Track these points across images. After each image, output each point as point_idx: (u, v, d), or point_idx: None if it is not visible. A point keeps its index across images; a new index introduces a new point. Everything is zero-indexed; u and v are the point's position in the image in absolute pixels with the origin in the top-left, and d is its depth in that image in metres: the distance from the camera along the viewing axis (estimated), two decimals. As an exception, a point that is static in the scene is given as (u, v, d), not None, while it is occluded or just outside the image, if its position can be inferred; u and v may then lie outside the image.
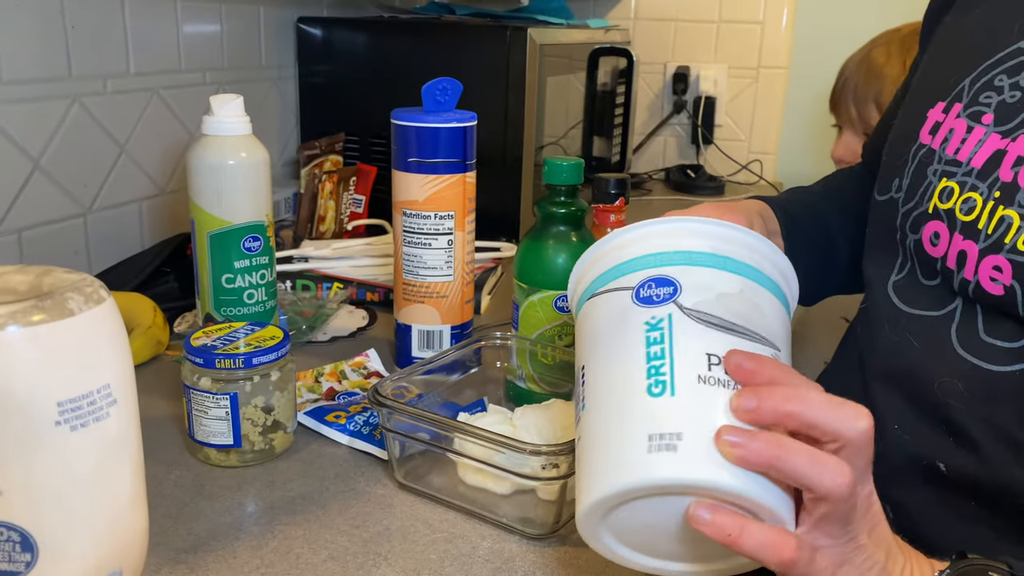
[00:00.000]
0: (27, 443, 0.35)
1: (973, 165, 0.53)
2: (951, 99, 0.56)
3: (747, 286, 0.46)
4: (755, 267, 0.47)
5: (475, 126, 0.77)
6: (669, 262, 0.46)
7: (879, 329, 0.61)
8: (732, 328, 0.43)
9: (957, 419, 0.54)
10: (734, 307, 0.44)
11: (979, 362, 0.52)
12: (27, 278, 0.38)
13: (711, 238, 0.47)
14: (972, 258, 0.51)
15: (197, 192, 0.71)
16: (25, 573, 0.36)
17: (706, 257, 0.46)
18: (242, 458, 0.64)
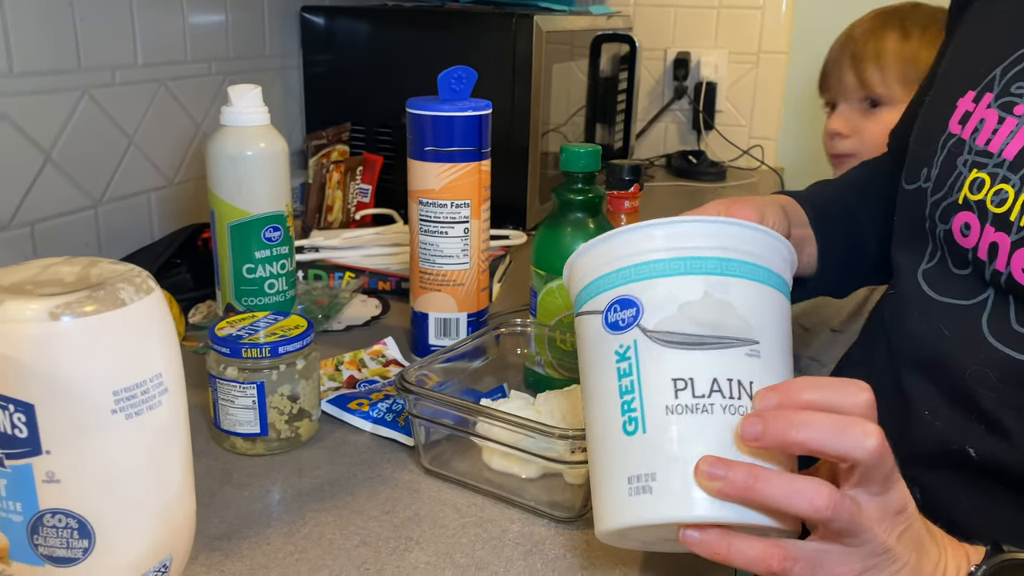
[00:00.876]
0: (84, 432, 0.35)
1: (1005, 156, 0.53)
2: (982, 88, 0.56)
3: (712, 284, 0.43)
4: (722, 257, 0.44)
5: (490, 114, 0.78)
6: (630, 278, 0.44)
7: (908, 316, 0.61)
8: (698, 342, 0.42)
9: (988, 407, 0.54)
10: (699, 315, 0.42)
11: (1011, 352, 0.52)
12: (74, 269, 0.39)
13: (669, 240, 0.45)
14: (1004, 250, 0.51)
15: (217, 183, 0.72)
16: (83, 559, 0.37)
17: (664, 265, 0.44)
18: (268, 446, 0.65)
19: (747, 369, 0.42)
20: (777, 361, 0.43)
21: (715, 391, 0.41)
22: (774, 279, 0.45)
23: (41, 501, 0.36)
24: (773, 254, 0.46)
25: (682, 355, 0.42)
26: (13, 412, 0.35)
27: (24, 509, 0.36)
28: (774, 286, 0.45)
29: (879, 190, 0.73)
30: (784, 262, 0.47)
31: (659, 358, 0.42)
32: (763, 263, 0.45)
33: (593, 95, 1.42)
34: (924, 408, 0.59)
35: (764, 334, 0.43)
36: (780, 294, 0.45)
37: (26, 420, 0.35)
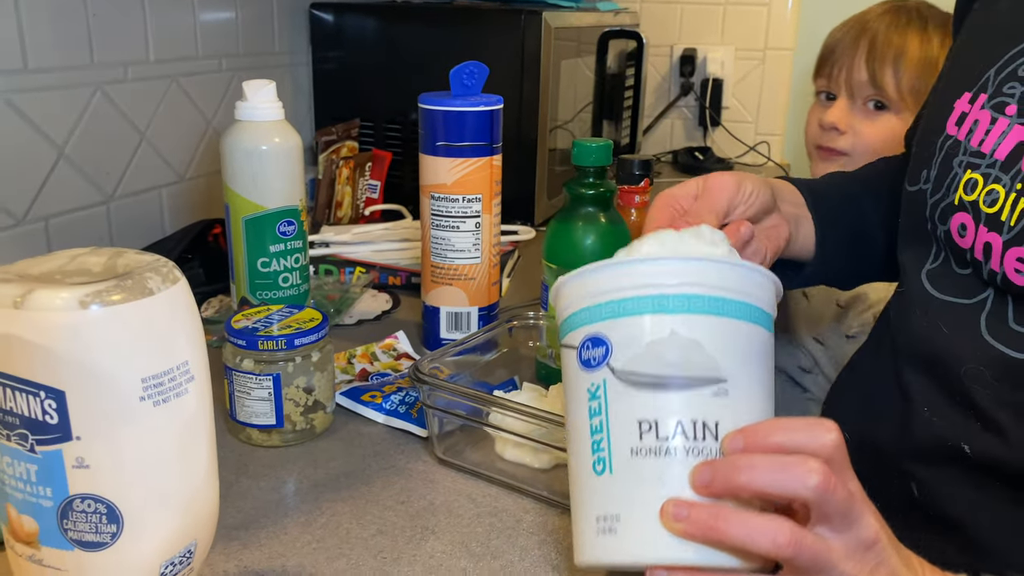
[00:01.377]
0: (113, 418, 0.36)
1: (997, 157, 0.53)
2: (976, 89, 0.56)
3: (679, 322, 0.42)
4: (688, 294, 0.43)
5: (501, 109, 0.78)
6: (601, 316, 0.44)
7: (911, 314, 0.61)
8: (664, 383, 0.42)
9: (983, 405, 0.54)
10: (665, 355, 0.42)
11: (1007, 350, 0.53)
12: (101, 259, 0.39)
13: (636, 278, 0.43)
14: (997, 250, 0.52)
15: (232, 177, 0.72)
16: (111, 544, 0.37)
17: (632, 304, 0.43)
18: (284, 438, 0.66)
19: (713, 409, 0.42)
20: (749, 398, 0.43)
21: (679, 433, 0.41)
22: (748, 312, 0.44)
23: (71, 486, 0.37)
24: (748, 285, 0.44)
25: (648, 396, 0.42)
26: (44, 399, 0.35)
27: (54, 494, 0.37)
28: (748, 319, 0.44)
29: (891, 185, 0.72)
30: (763, 291, 0.45)
31: (626, 399, 0.42)
32: (736, 296, 0.43)
33: (600, 91, 1.43)
34: (923, 405, 0.59)
35: (734, 371, 0.42)
36: (755, 327, 0.44)
37: (57, 407, 0.36)
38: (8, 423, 0.37)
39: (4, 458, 0.37)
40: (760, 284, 0.45)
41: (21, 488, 0.37)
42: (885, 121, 1.06)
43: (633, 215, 0.82)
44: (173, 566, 0.40)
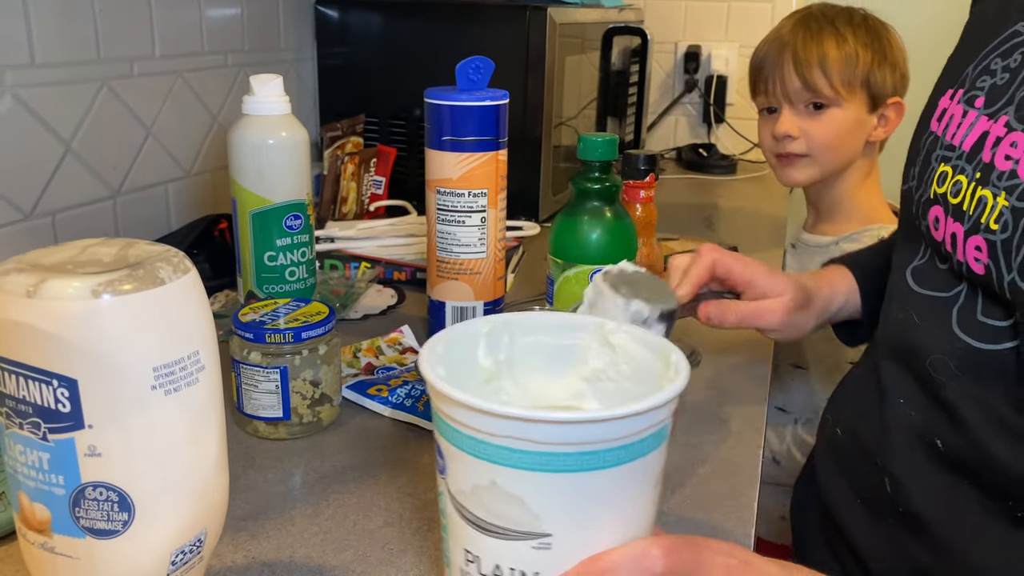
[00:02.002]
0: (125, 407, 0.36)
1: (963, 148, 0.54)
2: (956, 86, 0.57)
3: (499, 475, 0.39)
4: (511, 448, 0.39)
5: (507, 104, 0.78)
6: (443, 432, 0.41)
7: (888, 307, 0.63)
8: (485, 527, 0.40)
9: (948, 396, 0.55)
10: (486, 503, 0.40)
11: (971, 341, 0.54)
12: (112, 250, 0.40)
13: (468, 417, 0.39)
14: (960, 240, 0.53)
15: (239, 171, 0.73)
16: (122, 532, 0.38)
17: (464, 440, 0.40)
18: (290, 431, 0.66)
19: (533, 561, 0.40)
20: (577, 549, 0.40)
21: (496, 575, 0.41)
22: (584, 462, 0.39)
23: (83, 474, 0.37)
24: (586, 436, 0.39)
25: (471, 532, 0.41)
26: (57, 387, 0.36)
27: (66, 482, 0.37)
28: (584, 469, 0.39)
29: None
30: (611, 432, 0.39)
31: (456, 523, 0.42)
32: (568, 449, 0.39)
33: (605, 88, 1.43)
34: (899, 396, 0.60)
35: (560, 526, 0.40)
36: (598, 473, 0.39)
37: (69, 395, 0.36)
38: (21, 411, 0.37)
39: (17, 446, 0.38)
40: (606, 430, 0.39)
41: (33, 476, 0.38)
42: (829, 116, 1.12)
43: (638, 210, 0.82)
44: (184, 555, 0.40)
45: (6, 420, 0.38)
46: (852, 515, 0.65)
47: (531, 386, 0.50)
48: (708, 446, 0.67)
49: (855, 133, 1.13)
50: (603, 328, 0.48)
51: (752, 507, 0.60)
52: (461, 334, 0.48)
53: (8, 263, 0.37)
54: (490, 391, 0.50)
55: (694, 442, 0.68)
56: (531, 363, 0.50)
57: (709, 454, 0.66)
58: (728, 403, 0.75)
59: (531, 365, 0.50)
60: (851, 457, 0.66)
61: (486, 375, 0.49)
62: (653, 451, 0.40)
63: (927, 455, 0.57)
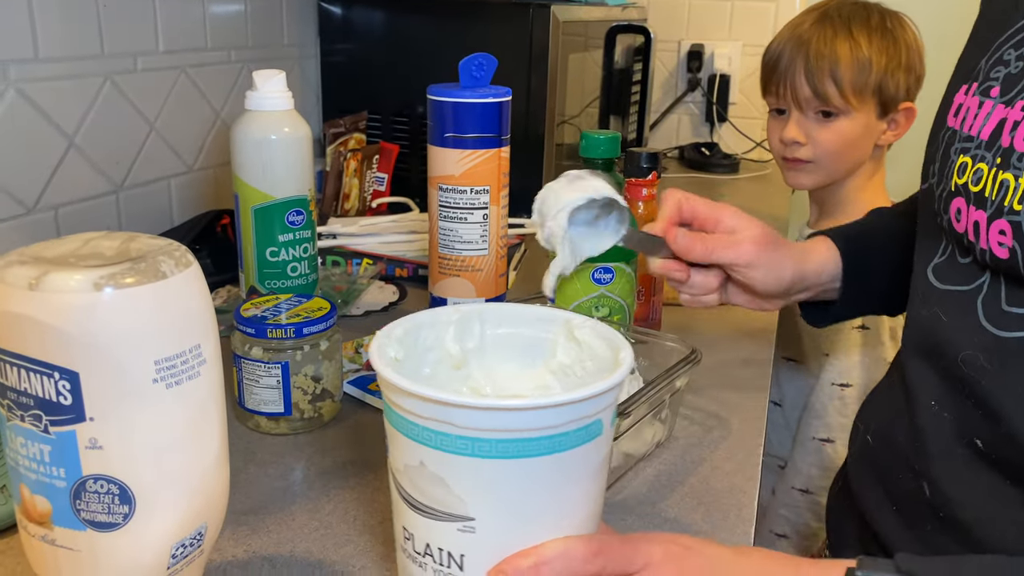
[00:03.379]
0: (126, 400, 0.36)
1: (982, 137, 0.54)
2: (971, 80, 0.57)
3: (427, 456, 0.40)
4: (437, 431, 0.40)
5: (510, 101, 0.78)
6: (385, 411, 0.43)
7: (912, 307, 0.62)
8: (416, 506, 0.42)
9: (980, 392, 0.54)
10: (417, 482, 0.41)
11: (998, 331, 0.53)
12: (114, 243, 0.40)
13: (400, 398, 0.40)
14: (983, 226, 0.52)
15: (241, 167, 0.73)
16: (123, 524, 0.38)
17: (398, 419, 0.41)
18: (291, 426, 0.66)
19: (458, 543, 0.41)
20: (500, 534, 0.41)
21: (428, 555, 0.42)
22: (508, 449, 0.39)
23: (84, 467, 0.37)
24: (513, 423, 0.39)
25: (407, 510, 0.42)
26: (58, 380, 0.36)
27: (67, 475, 0.37)
28: (509, 456, 0.40)
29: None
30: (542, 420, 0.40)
31: (396, 500, 0.43)
32: (492, 435, 0.39)
33: (607, 86, 1.43)
34: (930, 399, 0.59)
35: (484, 511, 0.41)
36: (524, 462, 0.40)
37: (71, 388, 0.36)
38: (22, 404, 0.37)
39: (18, 439, 0.38)
40: (525, 419, 0.39)
41: (35, 469, 0.38)
42: (837, 126, 1.11)
43: (640, 208, 0.82)
44: (184, 548, 0.40)
45: (7, 412, 0.38)
46: (889, 522, 0.64)
47: (499, 376, 0.52)
48: (708, 444, 0.67)
49: (863, 140, 1.12)
50: (570, 323, 0.49)
51: (752, 505, 0.60)
52: (429, 320, 0.49)
53: (10, 255, 0.37)
54: (458, 377, 0.51)
55: (693, 441, 0.68)
56: (502, 353, 0.51)
57: (709, 452, 0.66)
58: (728, 401, 0.75)
59: (502, 355, 0.51)
60: (884, 464, 0.65)
61: (455, 361, 0.50)
62: (583, 445, 0.41)
63: (966, 456, 0.56)
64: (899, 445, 0.63)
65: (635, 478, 0.62)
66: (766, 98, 1.20)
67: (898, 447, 0.63)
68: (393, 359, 0.46)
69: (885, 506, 0.65)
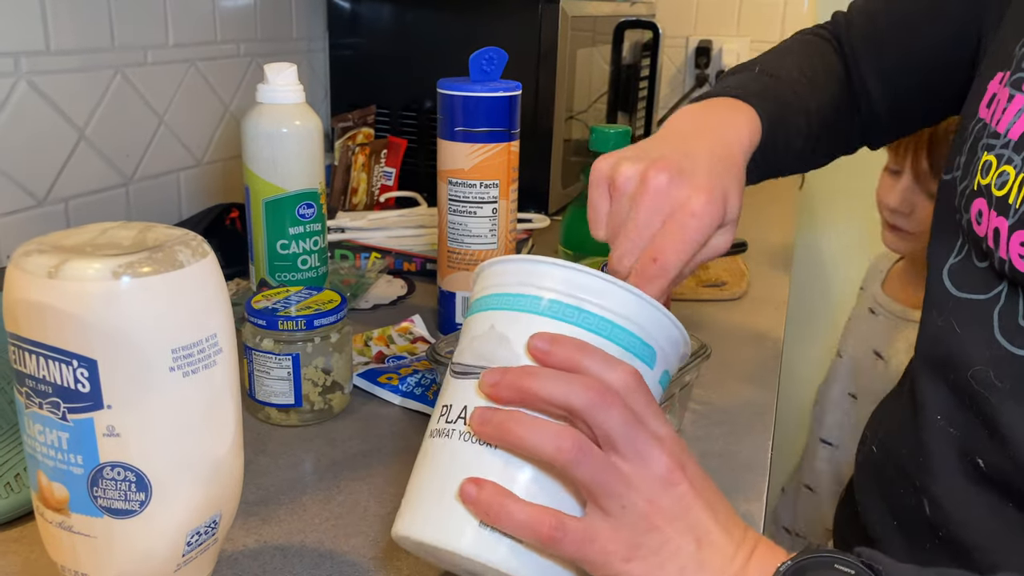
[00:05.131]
0: (144, 388, 0.37)
1: (1010, 137, 0.49)
2: (1005, 68, 0.53)
3: (498, 319, 0.44)
4: (517, 294, 0.43)
5: (519, 95, 0.79)
6: (471, 311, 0.47)
7: (927, 314, 0.58)
8: (470, 373, 0.43)
9: (988, 410, 0.51)
10: (479, 349, 0.43)
11: (1012, 347, 0.49)
12: (131, 233, 0.40)
13: (490, 278, 0.46)
14: (1004, 235, 0.48)
15: (252, 159, 0.73)
16: (139, 512, 0.38)
17: (480, 302, 0.46)
18: (302, 417, 0.66)
19: None
20: None
21: (460, 418, 0.42)
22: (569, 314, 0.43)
23: (102, 454, 0.37)
24: (573, 287, 0.43)
25: (458, 383, 0.44)
26: (77, 367, 0.36)
27: (85, 462, 0.38)
28: (574, 322, 0.43)
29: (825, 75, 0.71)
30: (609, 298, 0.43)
31: (446, 387, 0.45)
32: (556, 296, 0.43)
33: (615, 82, 1.43)
34: (937, 413, 0.56)
35: None
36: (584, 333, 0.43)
37: (89, 375, 0.36)
38: (41, 391, 0.37)
39: (36, 426, 0.38)
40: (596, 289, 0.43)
41: (52, 456, 0.38)
42: None
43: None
44: (198, 535, 0.41)
45: (26, 400, 0.38)
46: (890, 538, 0.61)
47: None
48: (716, 440, 0.68)
49: None
50: None
51: (761, 500, 0.60)
52: None
53: (29, 244, 0.38)
54: None
55: (702, 435, 0.68)
56: None
57: (717, 448, 0.66)
58: (737, 397, 0.75)
59: None
60: (887, 477, 0.63)
61: None
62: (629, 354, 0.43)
63: (968, 475, 0.53)
64: (902, 458, 0.60)
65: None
66: (889, 150, 1.14)
67: (901, 460, 0.60)
68: None
69: (887, 520, 0.63)
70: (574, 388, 0.39)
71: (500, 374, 0.41)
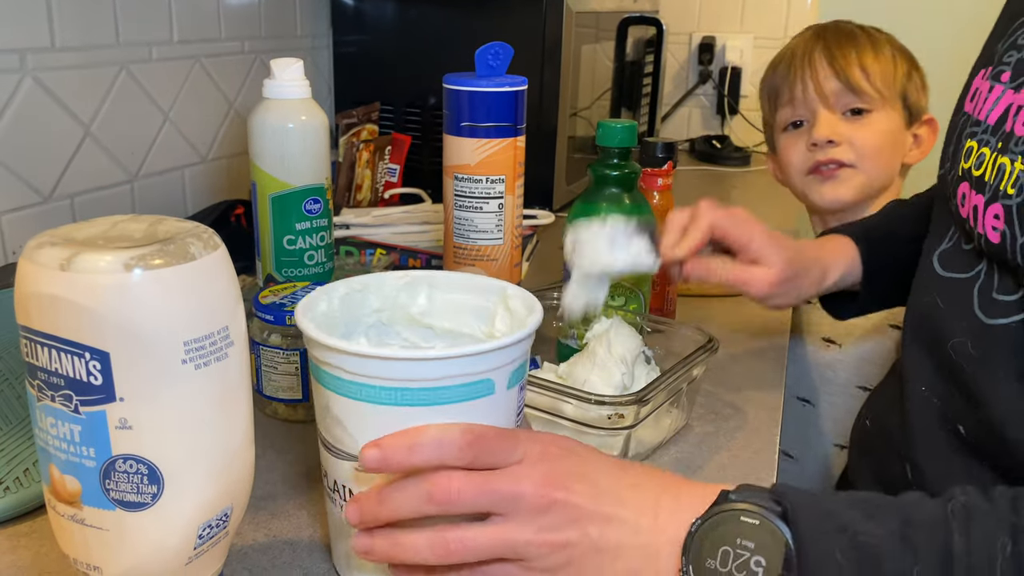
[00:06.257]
0: (156, 380, 0.37)
1: (988, 122, 0.54)
2: (987, 65, 0.58)
3: (332, 401, 0.44)
4: (333, 374, 0.44)
5: (525, 90, 0.78)
6: (310, 365, 0.47)
7: (915, 295, 0.63)
8: (326, 445, 0.46)
9: (965, 378, 0.55)
10: (328, 426, 0.46)
11: (986, 319, 0.53)
12: (142, 226, 0.40)
13: (313, 344, 0.44)
14: (980, 211, 0.53)
15: (259, 155, 0.73)
16: (151, 504, 0.38)
17: (315, 368, 0.46)
18: (309, 413, 0.66)
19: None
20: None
21: (336, 490, 0.47)
22: (391, 396, 0.43)
23: (114, 447, 0.37)
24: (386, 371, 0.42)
25: (322, 449, 0.47)
26: (89, 360, 0.36)
27: (97, 454, 0.38)
28: (394, 403, 0.43)
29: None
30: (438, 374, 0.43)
31: (320, 444, 0.48)
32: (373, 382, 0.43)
33: (619, 78, 1.43)
34: (921, 384, 0.60)
35: None
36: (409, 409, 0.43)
37: (101, 368, 0.36)
38: (53, 384, 0.37)
39: (48, 419, 0.38)
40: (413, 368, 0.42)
41: (64, 448, 0.38)
42: (872, 123, 1.00)
43: (656, 198, 0.82)
44: (210, 528, 0.41)
45: (38, 393, 0.38)
46: None
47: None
48: (725, 434, 0.67)
49: (897, 147, 1.02)
50: (505, 292, 0.53)
51: (770, 493, 0.60)
52: (376, 282, 0.53)
53: (41, 237, 0.38)
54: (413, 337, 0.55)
55: (710, 430, 0.68)
56: (451, 318, 0.55)
57: (726, 442, 0.66)
58: (745, 390, 0.75)
59: (452, 320, 0.55)
60: (876, 448, 0.66)
61: (410, 321, 0.55)
62: (468, 401, 0.43)
63: (948, 442, 0.57)
64: (890, 430, 0.64)
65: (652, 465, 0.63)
66: (778, 115, 1.08)
67: (889, 432, 0.64)
68: (323, 313, 0.50)
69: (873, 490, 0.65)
70: (420, 494, 0.41)
71: (357, 510, 0.43)
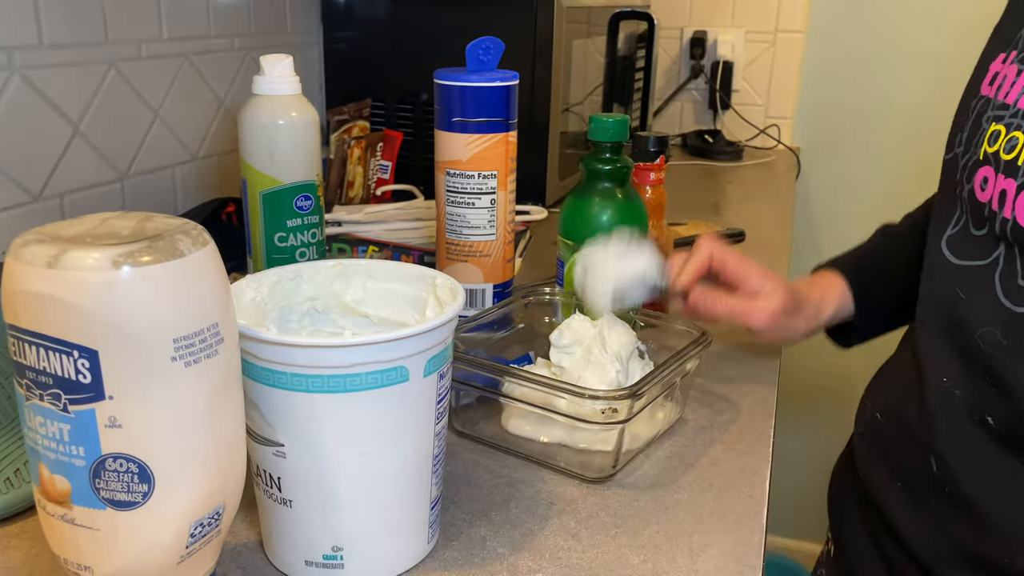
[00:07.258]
0: (145, 378, 0.36)
1: (1020, 106, 0.54)
2: (1009, 49, 0.57)
3: (248, 386, 0.45)
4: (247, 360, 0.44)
5: (517, 85, 0.78)
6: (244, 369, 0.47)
7: (928, 282, 0.62)
8: (248, 429, 0.46)
9: (996, 368, 0.54)
10: (248, 409, 0.46)
11: (1013, 306, 0.53)
12: (130, 223, 0.40)
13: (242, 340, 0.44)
14: (1011, 195, 0.52)
15: (249, 152, 0.72)
16: (142, 503, 0.38)
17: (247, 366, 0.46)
18: (302, 410, 0.66)
19: (275, 466, 0.46)
20: (307, 460, 0.45)
21: (258, 475, 0.48)
22: (299, 383, 0.43)
23: (103, 446, 0.37)
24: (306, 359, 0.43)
25: (247, 436, 0.46)
26: (77, 358, 0.36)
27: (87, 453, 0.37)
28: (303, 390, 0.43)
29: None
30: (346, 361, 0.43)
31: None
32: (289, 369, 0.43)
33: (611, 73, 1.42)
34: (942, 376, 0.59)
35: (290, 437, 0.45)
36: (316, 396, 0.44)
37: (90, 366, 0.36)
38: (41, 383, 0.37)
39: (37, 418, 0.38)
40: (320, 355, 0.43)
41: (53, 448, 0.38)
42: None
43: (648, 192, 0.82)
44: (202, 527, 0.40)
45: (26, 392, 0.38)
46: (894, 499, 0.64)
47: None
48: (718, 427, 0.67)
49: None
50: (434, 280, 0.54)
51: (764, 487, 0.60)
52: (309, 271, 0.54)
53: (28, 234, 0.37)
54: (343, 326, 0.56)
55: (704, 423, 0.68)
56: (385, 306, 0.55)
57: (719, 435, 0.66)
58: (739, 384, 0.75)
59: (387, 308, 0.55)
60: (892, 441, 0.66)
61: (344, 310, 0.56)
62: (378, 388, 0.44)
63: (976, 433, 0.57)
64: (908, 422, 0.63)
65: (646, 460, 0.63)
66: None
67: (907, 424, 0.63)
68: (251, 300, 0.51)
69: (890, 483, 0.65)
70: None
71: None
